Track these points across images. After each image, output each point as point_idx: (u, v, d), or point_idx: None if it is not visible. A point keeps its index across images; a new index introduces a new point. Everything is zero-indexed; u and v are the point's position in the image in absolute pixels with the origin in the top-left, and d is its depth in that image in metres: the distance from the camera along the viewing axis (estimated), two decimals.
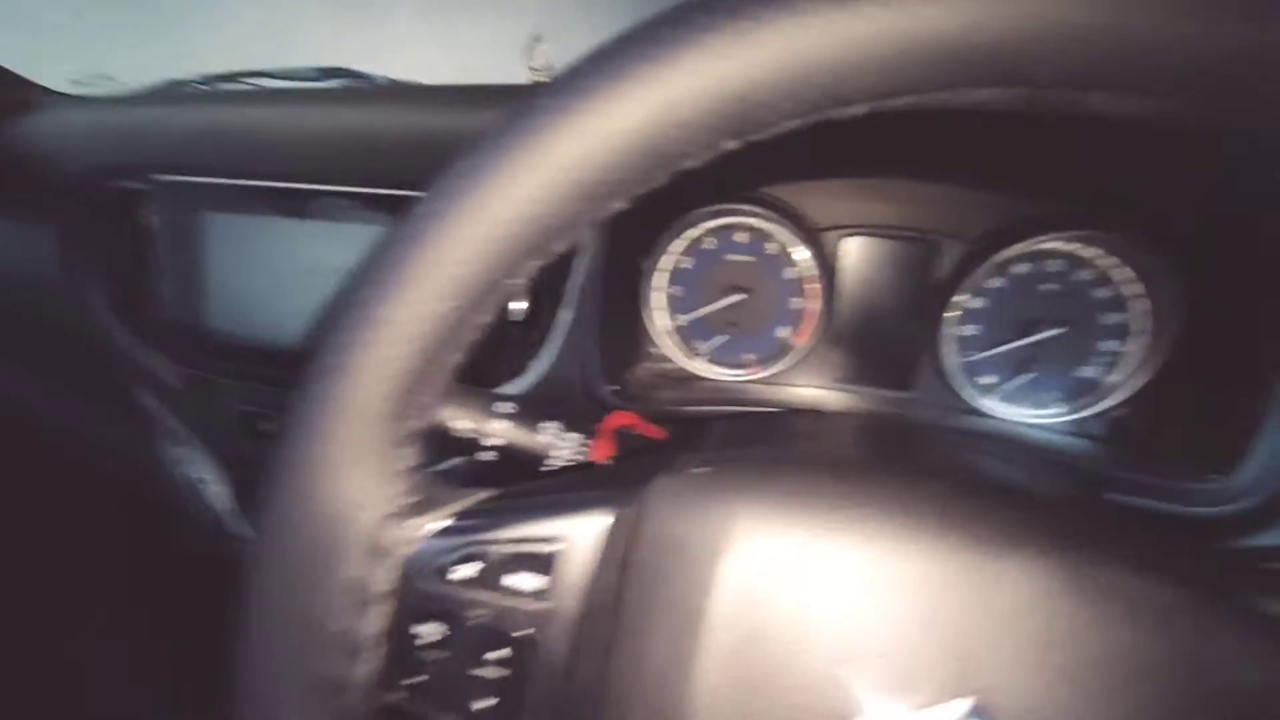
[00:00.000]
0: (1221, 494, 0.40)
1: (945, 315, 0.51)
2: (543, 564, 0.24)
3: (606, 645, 0.22)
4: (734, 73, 0.19)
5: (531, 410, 0.37)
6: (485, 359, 0.53)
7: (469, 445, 0.36)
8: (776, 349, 0.55)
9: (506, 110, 0.23)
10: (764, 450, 0.25)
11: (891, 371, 0.54)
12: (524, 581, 0.24)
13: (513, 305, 0.52)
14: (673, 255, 0.55)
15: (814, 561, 0.21)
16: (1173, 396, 0.46)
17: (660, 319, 0.56)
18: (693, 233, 0.55)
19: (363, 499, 0.23)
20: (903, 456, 0.26)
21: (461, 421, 0.36)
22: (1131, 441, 0.47)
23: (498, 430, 0.36)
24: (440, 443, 0.36)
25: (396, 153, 0.62)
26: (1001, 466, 0.29)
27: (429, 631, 0.24)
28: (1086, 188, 0.46)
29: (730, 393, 0.54)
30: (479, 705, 0.24)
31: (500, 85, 0.90)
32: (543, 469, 0.37)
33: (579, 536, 0.24)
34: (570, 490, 0.26)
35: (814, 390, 0.55)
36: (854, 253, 0.53)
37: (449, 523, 0.25)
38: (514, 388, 0.51)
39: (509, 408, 0.36)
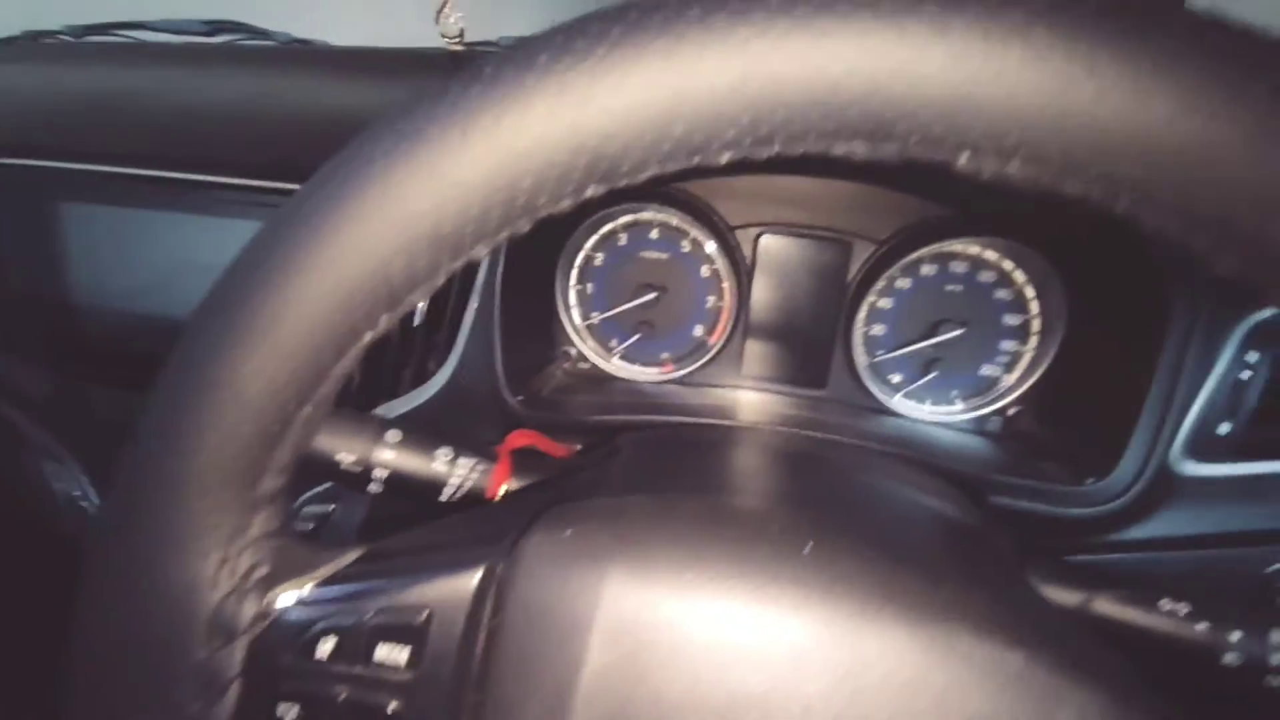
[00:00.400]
0: (1095, 496, 0.42)
1: (856, 315, 0.52)
2: (410, 634, 0.23)
3: (477, 716, 0.22)
4: (587, 123, 0.18)
5: (424, 436, 0.36)
6: (388, 365, 0.51)
7: (357, 478, 0.34)
8: (691, 347, 0.55)
9: (346, 150, 0.20)
10: (645, 502, 0.24)
11: (804, 370, 0.54)
12: (391, 653, 0.23)
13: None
14: (584, 251, 0.53)
15: (681, 632, 0.20)
16: (1059, 400, 0.48)
17: (573, 316, 0.55)
18: (606, 228, 0.53)
19: (209, 575, 0.22)
20: (791, 499, 0.26)
21: (347, 455, 0.34)
22: (1024, 441, 0.50)
23: (387, 461, 0.34)
24: (326, 476, 0.34)
25: (298, 136, 0.57)
26: (888, 499, 0.30)
27: (289, 713, 0.23)
28: (986, 194, 0.47)
29: (644, 396, 0.53)
30: None
31: (426, 50, 0.84)
32: (439, 498, 0.36)
33: (447, 602, 0.23)
34: (439, 549, 0.25)
35: (729, 390, 0.55)
36: (767, 252, 0.52)
37: (309, 593, 0.23)
38: (419, 395, 0.49)
39: (398, 436, 0.35)
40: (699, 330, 0.54)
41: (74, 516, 0.55)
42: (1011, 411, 0.51)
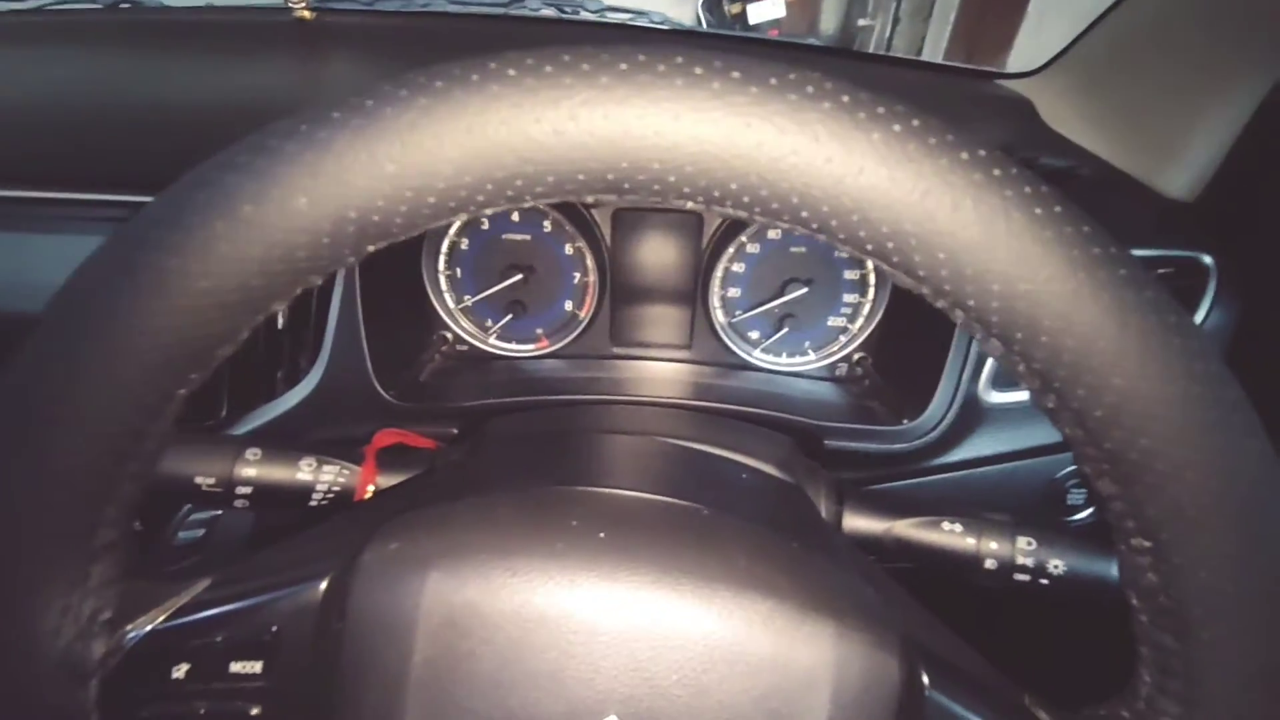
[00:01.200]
0: (914, 431, 0.48)
1: (712, 280, 0.55)
2: (261, 649, 0.25)
3: (326, 712, 0.25)
4: (348, 193, 0.20)
5: (286, 448, 0.37)
6: (260, 369, 0.51)
7: (220, 498, 0.36)
8: (563, 321, 0.57)
9: (125, 228, 0.21)
10: (464, 509, 0.27)
11: (670, 333, 0.58)
12: (244, 667, 0.25)
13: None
14: (449, 238, 0.54)
15: (491, 621, 0.24)
16: (891, 346, 0.54)
17: (447, 300, 0.56)
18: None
19: (52, 624, 0.23)
20: (612, 486, 0.29)
21: (205, 478, 0.35)
22: (862, 385, 0.55)
23: (248, 478, 0.36)
24: (188, 498, 0.36)
25: (134, 136, 0.53)
26: (708, 475, 0.34)
27: None
28: None
29: (521, 374, 0.55)
30: None
31: (271, 9, 0.78)
32: (309, 503, 0.38)
33: (294, 616, 0.26)
34: (284, 569, 0.27)
35: (602, 360, 0.58)
36: (625, 227, 0.55)
37: (159, 625, 0.25)
38: (293, 397, 0.49)
39: (258, 454, 0.36)
40: (568, 305, 0.56)
41: None
42: (856, 357, 0.57)
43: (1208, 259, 0.51)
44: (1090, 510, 0.53)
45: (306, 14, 0.75)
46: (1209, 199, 0.53)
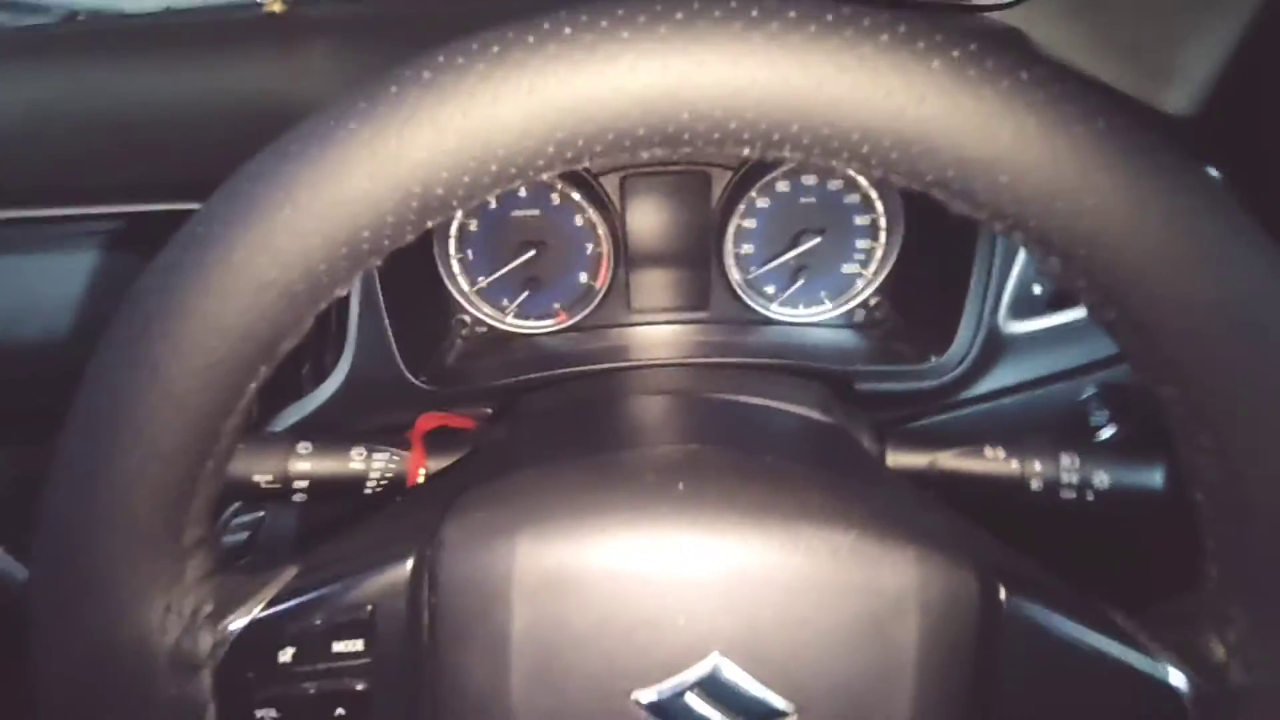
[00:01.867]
0: (941, 367, 0.49)
1: (725, 238, 0.55)
2: (359, 628, 0.26)
3: (431, 681, 0.26)
4: (404, 171, 0.20)
5: (336, 439, 0.38)
6: (285, 368, 0.50)
7: (278, 494, 0.36)
8: (580, 294, 0.57)
9: (185, 228, 0.21)
10: (538, 475, 0.28)
11: (687, 296, 0.58)
12: (346, 646, 0.26)
13: None
14: (457, 220, 0.54)
15: (585, 579, 0.25)
16: (908, 287, 0.55)
17: (461, 284, 0.56)
18: None
19: (158, 624, 0.24)
20: (668, 441, 0.30)
21: (262, 476, 0.35)
22: (883, 328, 0.56)
23: (303, 472, 0.36)
24: (248, 497, 0.36)
25: (125, 148, 0.52)
26: (754, 421, 0.35)
27: (268, 715, 0.26)
28: None
29: (543, 349, 0.56)
30: None
31: (239, 6, 0.76)
32: (364, 492, 0.38)
33: (386, 594, 0.26)
34: (369, 550, 0.27)
35: (622, 329, 0.58)
36: (634, 193, 0.54)
37: (259, 614, 0.26)
38: (322, 393, 0.49)
39: (309, 448, 0.36)
40: (584, 277, 0.56)
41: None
42: (873, 302, 0.58)
43: (1213, 173, 0.51)
44: (1113, 429, 0.54)
45: (278, 7, 0.73)
46: (1212, 112, 0.54)
